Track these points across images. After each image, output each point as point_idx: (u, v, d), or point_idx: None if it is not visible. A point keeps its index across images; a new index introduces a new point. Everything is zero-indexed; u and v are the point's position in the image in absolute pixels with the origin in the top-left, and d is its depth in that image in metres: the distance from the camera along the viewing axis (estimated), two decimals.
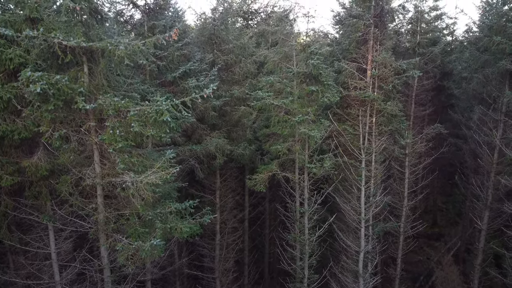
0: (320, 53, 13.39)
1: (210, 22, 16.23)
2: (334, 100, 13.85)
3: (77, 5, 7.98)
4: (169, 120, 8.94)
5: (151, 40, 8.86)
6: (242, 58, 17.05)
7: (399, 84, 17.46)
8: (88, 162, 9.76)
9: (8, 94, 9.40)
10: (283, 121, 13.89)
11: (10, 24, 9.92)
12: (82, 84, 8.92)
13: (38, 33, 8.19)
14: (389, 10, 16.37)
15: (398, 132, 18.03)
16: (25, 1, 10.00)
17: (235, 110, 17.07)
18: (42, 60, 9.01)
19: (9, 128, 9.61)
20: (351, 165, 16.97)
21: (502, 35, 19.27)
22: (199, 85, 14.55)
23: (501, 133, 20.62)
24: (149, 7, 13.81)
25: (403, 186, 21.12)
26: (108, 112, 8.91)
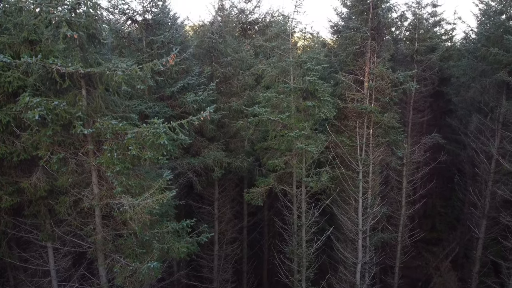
0: (316, 70, 13.50)
1: (208, 36, 16.32)
2: (330, 115, 13.96)
3: (75, 33, 8.09)
4: (166, 143, 9.05)
5: (148, 65, 8.98)
6: (240, 71, 17.15)
7: (396, 96, 17.57)
8: (87, 183, 9.87)
9: (7, 117, 9.52)
10: (280, 136, 14.00)
11: (9, 46, 10.03)
12: (80, 108, 9.04)
13: (36, 59, 8.30)
14: (386, 23, 16.44)
15: (395, 144, 18.13)
16: (24, 22, 10.10)
17: (233, 122, 17.19)
18: (41, 83, 9.12)
19: (8, 150, 9.74)
20: (348, 177, 17.09)
21: (499, 45, 19.39)
22: (197, 100, 14.67)
23: (498, 143, 20.73)
24: (148, 23, 13.91)
25: (401, 195, 21.22)
26: (106, 135, 9.03)
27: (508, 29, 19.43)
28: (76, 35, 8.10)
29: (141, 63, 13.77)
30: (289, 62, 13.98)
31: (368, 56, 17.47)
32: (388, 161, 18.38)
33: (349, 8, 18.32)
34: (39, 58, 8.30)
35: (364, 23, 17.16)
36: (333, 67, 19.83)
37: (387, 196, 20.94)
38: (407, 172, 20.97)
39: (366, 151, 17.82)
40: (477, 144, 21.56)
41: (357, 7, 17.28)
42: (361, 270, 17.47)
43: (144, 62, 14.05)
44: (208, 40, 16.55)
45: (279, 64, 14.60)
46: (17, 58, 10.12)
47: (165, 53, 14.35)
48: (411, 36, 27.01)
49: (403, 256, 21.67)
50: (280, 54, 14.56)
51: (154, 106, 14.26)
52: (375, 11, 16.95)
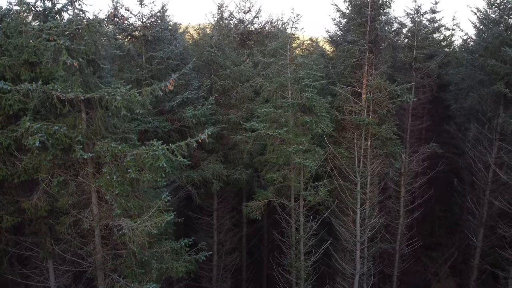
0: (314, 86, 13.64)
1: (207, 50, 16.46)
2: (328, 130, 14.09)
3: (75, 61, 8.23)
4: (164, 166, 9.18)
5: (147, 89, 9.12)
6: (239, 84, 17.29)
7: (394, 108, 17.69)
8: (86, 203, 10.02)
9: (8, 140, 9.66)
10: (278, 150, 14.13)
11: (9, 68, 10.18)
12: (80, 131, 9.18)
13: (36, 85, 8.45)
14: (384, 36, 16.57)
15: (392, 155, 18.26)
16: (24, 44, 10.24)
17: (232, 135, 17.34)
18: (41, 106, 9.26)
19: (9, 172, 9.89)
20: (346, 188, 17.22)
21: (497, 56, 19.51)
22: (196, 114, 14.81)
23: (495, 152, 20.85)
24: (147, 39, 14.05)
25: (399, 205, 21.34)
26: (105, 158, 9.17)
27: (506, 40, 19.53)
28: (76, 63, 8.24)
29: (141, 79, 14.01)
30: (287, 77, 14.12)
31: (366, 68, 17.60)
32: (386, 172, 18.51)
33: (347, 18, 18.43)
34: (39, 84, 8.44)
35: (362, 35, 17.28)
36: (331, 78, 19.97)
37: (385, 205, 21.07)
38: (405, 181, 21.09)
39: (364, 163, 17.95)
40: (475, 153, 21.68)
41: (355, 20, 17.41)
42: (359, 281, 17.60)
43: (143, 78, 14.25)
44: (207, 54, 16.69)
45: (277, 79, 14.73)
46: (18, 79, 10.36)
47: (164, 69, 14.50)
48: (410, 43, 27.15)
49: (401, 265, 21.80)
50: (278, 70, 14.68)
51: (153, 120, 14.41)
52: (373, 24, 17.08)
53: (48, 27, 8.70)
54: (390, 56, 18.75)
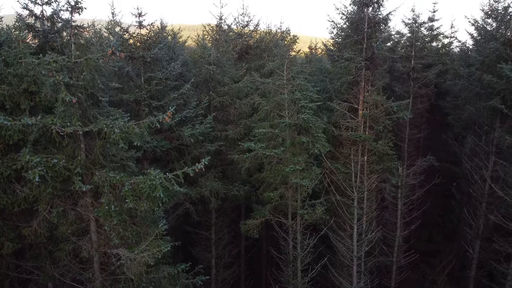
0: (310, 107, 13.81)
1: (205, 68, 16.63)
2: (324, 151, 14.26)
3: (74, 98, 8.40)
4: (162, 196, 9.36)
5: (145, 122, 9.29)
6: (236, 100, 17.46)
7: (390, 124, 17.86)
8: (85, 231, 10.20)
9: (8, 170, 9.84)
10: (275, 170, 14.31)
11: (9, 97, 10.35)
12: (79, 163, 9.36)
13: (36, 120, 8.63)
14: (380, 55, 16.72)
15: (389, 171, 18.43)
16: (23, 73, 10.41)
17: (230, 150, 17.53)
18: (41, 137, 9.44)
19: (10, 200, 10.07)
20: (343, 203, 17.39)
21: (493, 71, 19.65)
22: (194, 133, 14.98)
23: (492, 165, 21.01)
24: (145, 60, 14.22)
25: (396, 217, 21.50)
26: (103, 189, 9.35)
27: (502, 54, 19.68)
28: (74, 100, 8.42)
29: (140, 100, 14.18)
30: (284, 98, 14.29)
31: (363, 85, 17.78)
32: (383, 187, 18.68)
33: (344, 36, 18.59)
34: (38, 118, 8.62)
35: (359, 53, 17.45)
36: (328, 93, 20.16)
37: (382, 217, 21.24)
38: (402, 194, 21.25)
39: (361, 178, 18.12)
40: (472, 165, 21.83)
41: (352, 37, 17.57)
42: None
43: (142, 98, 14.42)
44: (206, 72, 16.86)
45: (274, 98, 14.91)
46: (17, 108, 10.54)
47: (163, 89, 14.67)
48: (408, 53, 27.35)
49: (399, 276, 21.97)
50: (275, 90, 14.86)
51: (152, 140, 14.58)
52: (369, 42, 17.24)
53: (47, 62, 8.87)
54: (387, 71, 18.93)
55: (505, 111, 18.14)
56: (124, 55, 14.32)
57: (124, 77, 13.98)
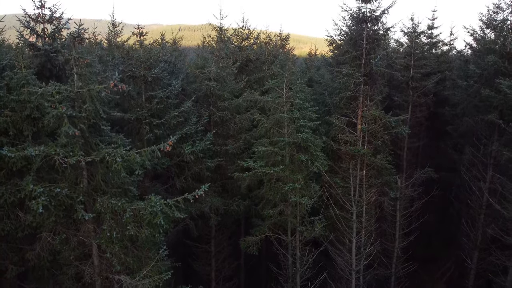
0: (309, 126, 13.98)
1: (205, 84, 16.79)
2: (323, 169, 14.42)
3: (76, 130, 8.57)
4: (162, 223, 9.54)
5: (147, 150, 9.46)
6: (236, 115, 17.62)
7: (388, 139, 18.02)
8: (88, 255, 10.37)
9: (12, 197, 10.01)
10: (275, 188, 14.49)
11: (12, 123, 10.51)
12: (81, 191, 9.53)
13: (39, 151, 8.79)
14: (378, 71, 16.87)
15: (388, 185, 18.59)
16: (26, 99, 10.57)
17: (230, 165, 17.71)
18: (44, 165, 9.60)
19: (14, 226, 10.24)
20: (342, 218, 17.55)
21: (491, 83, 19.79)
22: (195, 151, 15.15)
23: (489, 177, 21.17)
24: (146, 80, 14.38)
25: (395, 229, 21.67)
26: (105, 216, 9.52)
27: (501, 67, 19.83)
28: (77, 133, 8.59)
29: (141, 118, 14.35)
30: (284, 117, 14.46)
31: (361, 100, 17.93)
32: (381, 201, 18.85)
33: (342, 51, 18.73)
34: (41, 149, 8.79)
35: (357, 68, 17.60)
36: (327, 106, 20.32)
37: (381, 229, 21.39)
38: (401, 206, 21.41)
39: (360, 192, 18.28)
40: (470, 176, 21.98)
41: (351, 53, 17.72)
42: None
43: (143, 117, 14.58)
44: (206, 88, 17.02)
45: (273, 116, 15.08)
46: (20, 134, 10.71)
47: (164, 108, 14.83)
48: (407, 63, 27.50)
49: (397, 287, 22.12)
50: (275, 107, 15.02)
51: (152, 158, 14.71)
52: (368, 58, 17.39)
53: (49, 92, 9.04)
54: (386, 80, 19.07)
55: (503, 126, 18.28)
56: (125, 76, 14.54)
57: (125, 96, 14.14)
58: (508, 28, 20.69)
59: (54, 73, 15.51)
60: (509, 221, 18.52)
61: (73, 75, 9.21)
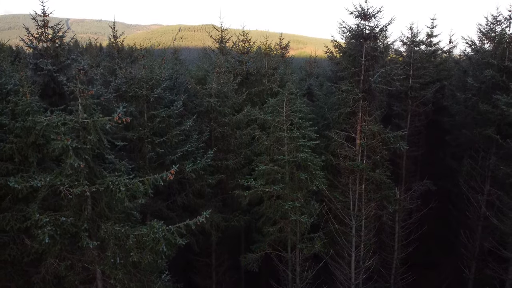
0: (308, 146, 14.19)
1: (207, 100, 17.01)
2: (322, 188, 14.64)
3: (82, 163, 8.79)
4: (164, 250, 9.77)
5: (149, 179, 9.67)
6: (237, 131, 17.84)
7: (387, 154, 18.24)
8: (92, 278, 10.60)
9: (18, 223, 10.22)
10: (275, 205, 14.71)
11: (17, 150, 10.72)
12: (86, 218, 9.75)
13: (45, 181, 9.01)
14: (377, 88, 17.08)
15: (386, 199, 18.81)
16: (31, 126, 10.77)
17: (230, 179, 17.95)
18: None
19: (20, 251, 10.46)
20: (342, 232, 17.78)
21: (489, 97, 19.98)
22: (196, 169, 15.35)
23: (487, 189, 21.37)
24: (148, 100, 14.60)
25: (394, 240, 21.89)
26: (109, 242, 9.74)
27: (499, 81, 20.02)
28: (82, 165, 8.81)
29: (143, 137, 14.56)
30: (284, 136, 14.68)
31: (360, 115, 18.14)
32: (380, 215, 19.07)
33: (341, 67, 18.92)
34: (47, 180, 9.00)
35: (356, 84, 17.82)
36: (326, 120, 20.55)
37: (380, 240, 21.60)
38: (400, 218, 21.62)
39: (359, 206, 18.50)
40: (468, 188, 22.17)
41: (350, 69, 17.93)
42: None
43: (145, 136, 14.80)
44: (207, 104, 17.24)
45: (273, 134, 15.30)
46: (25, 161, 10.92)
47: (166, 127, 15.04)
48: (406, 73, 27.69)
49: None
50: (275, 126, 15.23)
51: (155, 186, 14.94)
52: (366, 74, 17.61)
53: (55, 123, 9.25)
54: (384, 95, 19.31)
55: (500, 141, 18.49)
56: (128, 96, 14.76)
57: (128, 115, 14.34)
58: (506, 41, 20.84)
59: (57, 91, 15.79)
60: (506, 235, 18.73)
61: (77, 106, 9.41)
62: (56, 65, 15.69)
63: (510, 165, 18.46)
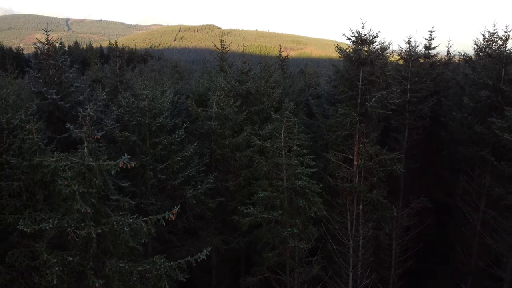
0: (306, 173, 14.59)
1: (207, 124, 17.41)
2: (320, 214, 15.04)
3: (88, 208, 9.20)
4: (166, 286, 10.18)
5: (152, 219, 10.08)
6: (236, 153, 18.24)
7: (384, 176, 18.63)
8: None
9: (26, 260, 10.64)
10: (274, 231, 15.12)
11: (25, 188, 11.13)
12: (91, 255, 10.15)
13: (53, 225, 9.41)
14: (373, 112, 17.46)
15: (384, 219, 19.20)
16: (39, 164, 11.17)
17: (230, 201, 18.36)
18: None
19: (28, 286, 10.87)
20: (339, 252, 18.19)
21: (485, 116, 20.31)
22: (197, 194, 15.76)
23: (483, 207, 21.75)
24: (151, 128, 14.99)
25: (391, 256, 22.30)
26: (114, 279, 10.15)
27: (494, 102, 20.39)
28: (89, 210, 9.21)
29: (145, 165, 14.95)
30: (282, 163, 15.07)
31: (357, 137, 18.54)
32: (377, 234, 19.48)
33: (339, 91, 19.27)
34: (55, 223, 9.41)
35: (353, 108, 18.20)
36: (324, 139, 20.91)
37: (377, 256, 22.00)
38: (397, 235, 22.03)
39: (356, 227, 18.91)
40: (463, 204, 22.54)
41: (347, 93, 18.32)
42: None
43: (147, 163, 15.20)
44: (208, 127, 17.64)
45: (272, 160, 15.70)
46: (33, 198, 11.32)
47: (168, 153, 15.44)
48: (403, 87, 28.07)
49: None
50: (273, 152, 15.63)
51: (156, 202, 15.37)
52: (363, 98, 17.99)
53: (61, 166, 9.65)
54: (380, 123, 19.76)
55: (495, 163, 18.85)
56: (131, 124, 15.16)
57: (131, 145, 14.77)
58: (503, 62, 21.12)
59: (61, 118, 16.20)
60: (501, 254, 19.12)
61: (83, 149, 9.81)
62: (60, 92, 16.11)
63: (505, 186, 18.84)
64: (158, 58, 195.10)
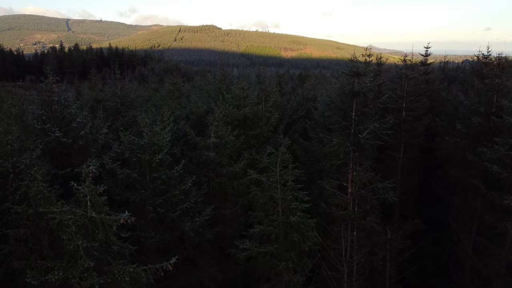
0: (301, 209, 15.12)
1: (205, 154, 17.95)
2: (315, 248, 15.58)
3: (92, 263, 9.75)
4: None
5: (152, 268, 10.62)
6: (234, 182, 18.77)
7: (377, 204, 19.16)
8: None
9: None
10: (270, 264, 15.65)
11: (31, 235, 11.68)
12: None
13: (58, 275, 9.96)
14: (366, 143, 17.98)
15: (377, 246, 19.73)
16: (42, 203, 11.71)
17: (227, 229, 18.91)
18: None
19: None
20: (334, 278, 18.76)
21: (476, 144, 20.79)
22: (194, 227, 16.30)
23: (476, 228, 22.28)
24: (151, 164, 15.52)
25: (385, 278, 22.84)
26: None
27: (486, 129, 20.86)
28: (92, 265, 9.76)
29: (145, 199, 15.48)
30: (278, 197, 15.61)
31: (351, 166, 19.06)
32: (371, 260, 20.02)
33: (332, 121, 19.75)
34: (60, 275, 9.95)
35: (347, 137, 18.71)
36: (320, 165, 21.46)
37: (371, 278, 22.53)
38: (391, 256, 22.57)
39: (351, 252, 19.45)
40: (457, 226, 23.07)
41: (340, 122, 18.83)
42: None
43: (147, 198, 15.74)
44: (205, 158, 18.18)
45: (268, 193, 16.22)
46: (39, 243, 11.87)
47: (167, 188, 15.97)
48: (399, 106, 28.61)
49: None
50: (269, 185, 16.15)
51: (155, 235, 15.90)
52: (357, 128, 18.50)
53: (66, 220, 10.19)
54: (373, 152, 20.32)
55: (485, 192, 19.34)
56: (132, 161, 15.69)
57: (131, 181, 15.30)
58: (495, 89, 21.50)
59: (64, 153, 16.75)
60: (491, 280, 19.66)
61: (86, 202, 10.35)
62: (63, 127, 16.65)
63: (496, 211, 19.34)
64: (158, 60, 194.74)
